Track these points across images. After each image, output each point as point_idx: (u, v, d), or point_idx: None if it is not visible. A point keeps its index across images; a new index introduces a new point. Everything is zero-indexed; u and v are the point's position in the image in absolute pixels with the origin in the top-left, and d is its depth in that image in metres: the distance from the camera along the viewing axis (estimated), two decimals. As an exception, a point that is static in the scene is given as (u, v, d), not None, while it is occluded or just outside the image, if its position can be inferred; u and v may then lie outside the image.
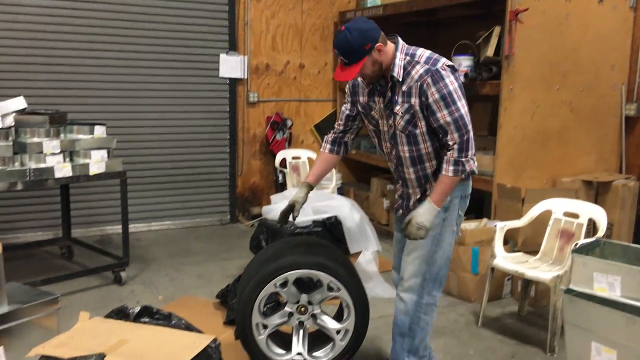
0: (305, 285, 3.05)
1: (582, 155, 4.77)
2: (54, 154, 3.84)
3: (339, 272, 2.87)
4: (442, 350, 3.39)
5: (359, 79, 2.70)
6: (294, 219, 2.90)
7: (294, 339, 3.00)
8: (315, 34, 6.31)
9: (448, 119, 2.42)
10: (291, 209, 2.87)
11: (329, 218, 4.12)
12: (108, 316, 2.81)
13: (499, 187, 4.42)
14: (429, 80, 2.41)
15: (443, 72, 2.41)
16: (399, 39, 2.56)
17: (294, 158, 5.80)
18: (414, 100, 2.47)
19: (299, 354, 2.98)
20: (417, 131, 2.54)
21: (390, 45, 2.52)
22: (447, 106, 2.41)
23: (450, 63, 2.49)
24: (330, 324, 2.98)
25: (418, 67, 2.45)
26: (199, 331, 2.81)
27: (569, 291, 2.73)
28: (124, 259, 4.31)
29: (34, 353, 2.45)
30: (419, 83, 2.43)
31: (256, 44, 6.05)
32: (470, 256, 4.09)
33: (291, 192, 4.68)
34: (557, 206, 3.81)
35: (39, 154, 3.78)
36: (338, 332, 2.95)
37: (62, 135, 4.00)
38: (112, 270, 4.32)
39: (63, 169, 3.87)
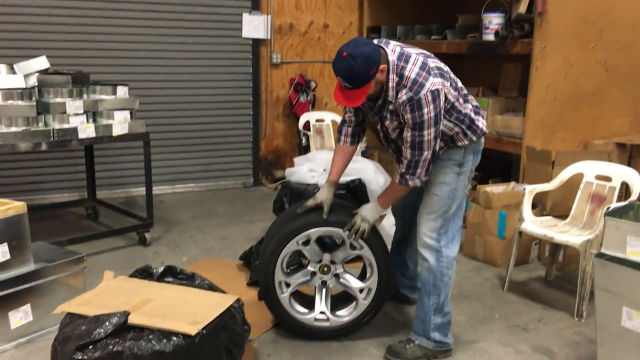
0: (328, 246, 3.04)
1: (615, 117, 4.61)
2: (77, 114, 3.82)
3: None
4: (467, 313, 3.35)
5: None
6: (325, 217, 2.88)
7: (317, 297, 3.00)
8: (340, -7, 6.16)
9: (409, 138, 2.56)
10: (317, 208, 2.89)
11: (352, 181, 4.06)
12: (132, 275, 2.82)
13: (528, 149, 4.30)
14: (408, 108, 2.49)
15: (423, 101, 2.46)
16: (389, 54, 2.52)
17: (317, 121, 5.72)
18: (401, 119, 2.58)
19: (322, 312, 2.98)
20: None
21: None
22: (413, 129, 2.52)
23: (435, 87, 2.48)
24: (353, 282, 2.98)
25: (403, 91, 2.49)
26: (223, 291, 2.81)
27: (600, 255, 2.64)
28: (148, 220, 4.32)
29: (59, 310, 2.48)
30: (401, 107, 2.52)
31: (279, 3, 5.92)
32: (497, 220, 4.01)
33: (314, 155, 4.62)
34: (589, 169, 3.69)
35: (62, 114, 3.77)
36: (361, 291, 2.96)
37: (85, 96, 3.98)
38: (137, 231, 4.35)
39: (87, 130, 3.86)
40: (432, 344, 2.85)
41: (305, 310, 3.00)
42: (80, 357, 2.18)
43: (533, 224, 3.61)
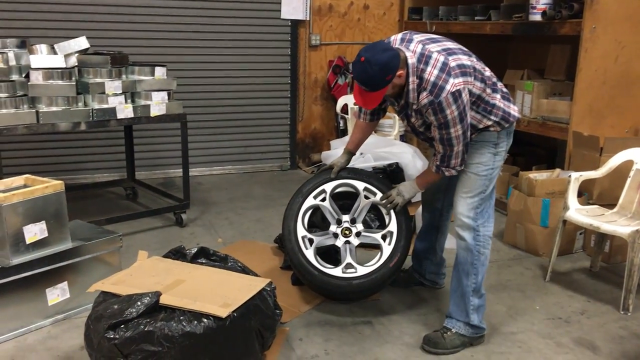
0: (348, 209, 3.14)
1: (669, 102, 4.37)
2: (115, 94, 3.84)
3: (372, 180, 3.10)
4: (507, 303, 3.25)
5: None
6: (333, 176, 3.13)
7: (342, 253, 3.02)
8: (380, -28, 6.01)
9: (437, 136, 2.61)
10: (330, 169, 3.14)
11: (390, 165, 3.99)
12: (166, 256, 2.82)
13: (575, 135, 4.12)
14: (431, 111, 2.52)
15: (444, 104, 2.47)
16: (408, 57, 2.52)
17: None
18: (425, 118, 2.62)
19: (349, 264, 2.98)
20: None
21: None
22: (440, 129, 2.56)
23: (456, 88, 2.46)
24: (375, 233, 3.08)
25: (424, 94, 2.51)
26: (255, 274, 2.79)
27: (651, 247, 2.51)
28: (185, 201, 4.34)
29: (93, 289, 2.49)
30: (424, 110, 2.55)
31: (319, -17, 5.83)
32: (540, 208, 3.86)
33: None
34: (640, 156, 3.52)
35: (101, 95, 3.79)
36: (384, 238, 3.03)
37: (123, 76, 3.99)
38: (174, 212, 4.37)
39: (125, 110, 3.87)
40: (469, 331, 2.79)
41: (332, 266, 3.01)
42: (112, 336, 2.19)
43: (578, 213, 3.46)
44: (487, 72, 2.68)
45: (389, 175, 3.95)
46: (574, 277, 3.62)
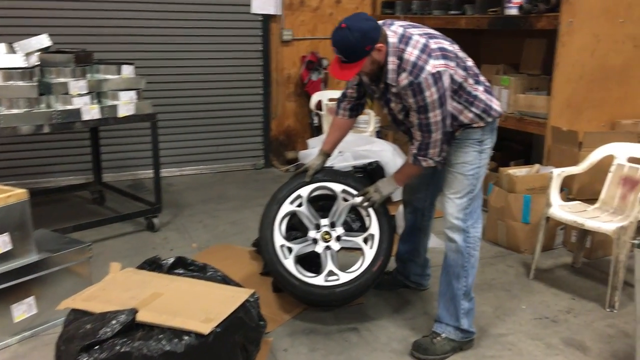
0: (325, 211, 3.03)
1: (645, 95, 4.38)
2: (80, 95, 3.64)
3: (350, 180, 2.97)
4: (493, 304, 3.19)
5: None
6: (307, 180, 2.99)
7: (323, 260, 2.90)
8: (352, -34, 5.90)
9: (416, 121, 2.51)
10: (304, 172, 3.00)
11: (370, 163, 3.90)
12: (140, 267, 2.66)
13: (553, 130, 4.09)
14: (410, 92, 2.43)
15: (424, 85, 2.39)
16: (389, 35, 2.46)
17: (330, 100, 5.52)
18: (404, 102, 2.52)
19: (330, 271, 2.86)
20: None
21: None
22: (418, 112, 2.47)
23: (436, 69, 2.39)
24: (356, 236, 2.96)
25: (404, 75, 2.43)
26: (237, 283, 2.65)
27: (642, 245, 2.46)
28: (157, 205, 4.17)
29: (63, 306, 2.33)
30: (403, 91, 2.46)
31: (290, -23, 5.69)
32: (522, 204, 3.82)
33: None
34: (621, 151, 3.50)
35: (65, 95, 3.59)
36: (365, 241, 2.92)
37: (88, 76, 3.79)
38: (145, 217, 4.20)
39: (91, 111, 3.68)
40: (459, 335, 2.72)
41: (314, 274, 2.89)
42: (85, 359, 2.03)
43: (561, 210, 3.42)
44: (470, 62, 2.61)
45: (370, 174, 3.86)
46: (557, 274, 3.59)
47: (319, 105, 5.59)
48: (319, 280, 2.84)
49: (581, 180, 3.84)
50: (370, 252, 2.89)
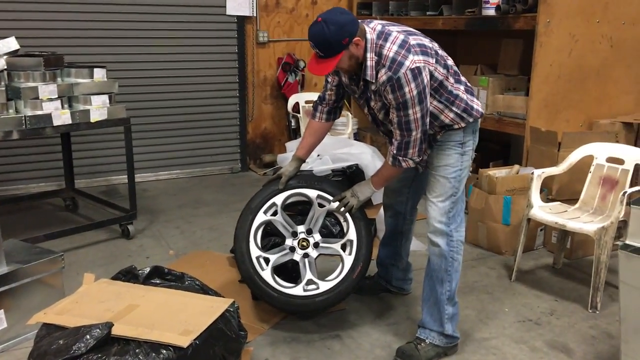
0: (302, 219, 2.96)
1: (621, 94, 4.40)
2: (51, 99, 3.52)
3: (325, 185, 2.89)
4: (475, 307, 3.16)
5: None
6: (281, 187, 2.91)
7: (302, 269, 2.83)
8: (328, -34, 5.85)
9: (395, 119, 2.46)
10: (278, 179, 2.92)
11: (349, 166, 3.84)
12: (115, 278, 2.57)
13: (532, 130, 4.09)
14: (389, 88, 2.39)
15: (403, 80, 2.35)
16: (368, 32, 2.42)
17: (307, 102, 5.46)
18: (385, 100, 2.48)
19: (310, 280, 2.80)
20: None
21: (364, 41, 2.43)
22: (398, 109, 2.42)
23: (415, 65, 2.35)
24: (334, 243, 2.89)
25: (382, 71, 2.39)
26: (216, 293, 2.58)
27: (625, 247, 2.44)
28: (132, 211, 4.06)
29: (34, 321, 2.23)
30: (382, 88, 2.42)
31: (265, -22, 5.62)
32: (502, 206, 3.80)
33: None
34: (600, 151, 3.50)
35: (34, 100, 3.47)
36: (344, 248, 2.85)
37: (59, 79, 3.68)
38: (119, 224, 4.08)
39: (62, 116, 3.56)
40: (443, 341, 2.67)
41: (292, 285, 2.81)
42: (58, 377, 1.94)
43: (542, 211, 3.41)
44: (450, 61, 2.57)
45: (349, 177, 3.80)
46: (539, 276, 3.58)
47: (296, 107, 5.53)
48: (298, 290, 2.77)
49: (560, 181, 3.84)
50: (349, 259, 2.83)
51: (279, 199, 2.88)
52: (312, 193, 2.89)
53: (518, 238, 3.51)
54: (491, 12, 4.30)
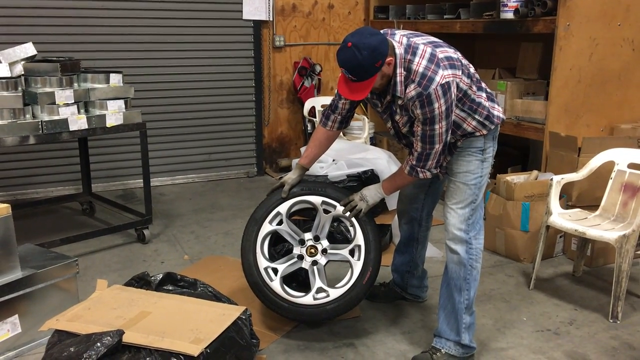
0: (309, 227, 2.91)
1: (643, 99, 4.32)
2: (67, 104, 3.55)
3: (329, 191, 2.84)
4: (493, 316, 3.10)
5: None
6: (284, 196, 2.86)
7: (311, 277, 2.80)
8: (345, -30, 5.82)
9: (420, 132, 2.43)
10: (281, 187, 2.87)
11: (364, 172, 3.76)
12: (128, 284, 2.57)
13: (551, 135, 4.02)
14: (418, 104, 2.35)
15: (433, 96, 2.32)
16: (395, 47, 2.37)
17: (323, 106, 5.43)
18: (411, 114, 2.45)
19: (320, 288, 2.76)
20: None
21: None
22: (424, 124, 2.40)
23: (445, 80, 2.32)
24: (342, 249, 2.84)
25: (412, 86, 2.35)
26: (228, 299, 2.56)
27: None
28: (147, 216, 4.06)
29: (47, 327, 2.23)
30: (410, 103, 2.39)
31: (282, -18, 5.61)
32: (520, 212, 3.74)
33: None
34: (621, 157, 3.42)
35: (51, 105, 3.49)
36: (352, 253, 2.81)
37: (75, 85, 3.70)
38: (135, 228, 4.09)
39: (78, 121, 3.58)
40: (459, 351, 2.62)
41: (302, 294, 2.78)
42: (68, 384, 1.93)
43: (562, 218, 3.34)
44: (472, 69, 2.53)
45: (364, 183, 3.75)
46: (558, 284, 3.51)
47: (312, 111, 5.51)
48: (308, 299, 2.74)
49: (581, 187, 3.76)
50: (358, 265, 2.78)
51: (283, 208, 2.84)
52: (317, 199, 2.84)
53: (537, 245, 3.45)
54: (510, 15, 4.24)
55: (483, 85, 2.57)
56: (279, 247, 3.11)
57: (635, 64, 4.20)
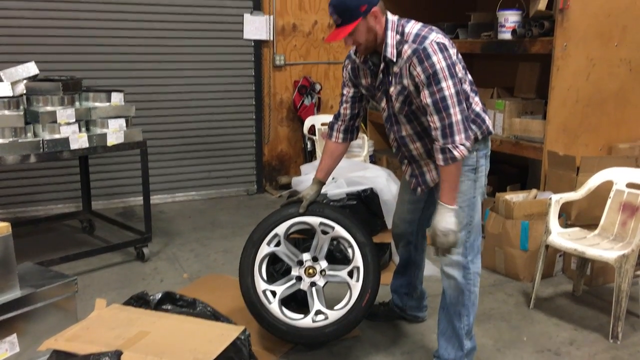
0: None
1: (640, 118, 4.35)
2: (68, 123, 3.57)
3: (326, 212, 2.82)
4: (493, 336, 3.09)
5: (357, 60, 2.55)
6: (302, 211, 2.82)
7: (310, 298, 2.79)
8: (344, -10, 5.87)
9: (428, 99, 2.29)
10: (299, 202, 2.83)
11: (364, 190, 3.81)
12: (127, 303, 2.56)
13: (550, 155, 4.03)
14: (415, 60, 2.27)
15: (430, 50, 2.24)
16: (388, 14, 2.40)
17: (323, 124, 5.47)
18: (406, 82, 2.36)
19: (318, 311, 2.75)
20: (414, 107, 2.44)
21: (384, 18, 2.37)
22: (428, 86, 2.27)
23: (440, 40, 2.26)
24: (340, 270, 2.83)
25: (406, 46, 2.30)
26: (227, 319, 2.55)
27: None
28: (146, 234, 4.06)
29: (45, 347, 2.22)
30: (407, 64, 2.31)
31: (282, 3, 5.66)
32: (519, 231, 3.74)
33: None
34: (619, 176, 3.44)
35: (52, 124, 3.52)
36: (351, 275, 2.79)
37: (77, 104, 3.73)
38: (135, 246, 4.09)
39: (79, 140, 3.60)
40: (460, 375, 2.60)
41: (301, 315, 2.77)
42: (66, 405, 1.92)
43: (561, 237, 3.34)
44: (469, 76, 2.50)
45: (364, 201, 3.77)
46: (558, 303, 3.50)
47: (312, 129, 5.54)
48: (307, 321, 2.73)
49: (579, 206, 3.77)
50: (357, 286, 2.77)
51: (281, 229, 2.83)
52: (315, 220, 2.82)
53: (536, 264, 3.45)
54: (507, 35, 4.28)
55: (478, 95, 2.54)
56: (278, 266, 3.12)
57: (633, 84, 4.23)
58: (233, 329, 2.35)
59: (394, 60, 2.35)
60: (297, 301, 2.96)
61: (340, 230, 2.80)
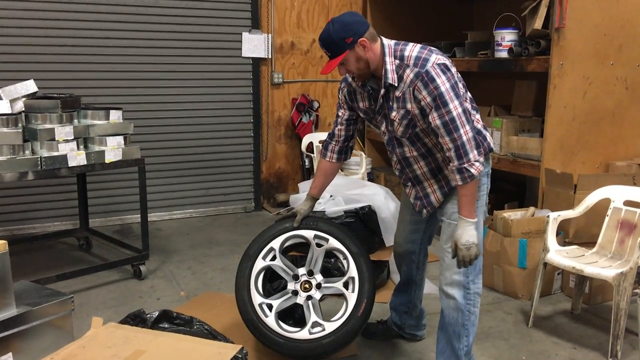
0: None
1: (637, 136, 4.36)
2: (67, 140, 3.57)
3: (320, 225, 2.87)
4: (492, 355, 3.07)
5: (353, 84, 2.58)
6: (296, 225, 2.88)
7: (306, 312, 2.79)
8: (342, 9, 5.92)
9: (437, 122, 2.31)
10: (293, 216, 2.88)
11: (362, 208, 3.80)
12: (123, 322, 2.55)
13: (547, 172, 4.04)
14: (420, 84, 2.28)
15: (432, 73, 2.26)
16: (383, 39, 2.42)
17: (321, 142, 5.48)
18: (410, 106, 2.37)
19: (315, 322, 2.75)
20: (418, 129, 2.45)
21: (378, 45, 2.39)
22: (437, 109, 2.28)
23: (441, 61, 2.28)
24: (335, 282, 2.85)
25: (408, 70, 2.31)
26: (224, 337, 2.54)
27: (645, 295, 2.38)
28: (144, 252, 4.05)
29: (40, 366, 2.20)
30: (411, 88, 2.32)
31: (280, 21, 5.71)
32: (517, 248, 3.74)
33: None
34: (617, 194, 3.44)
35: (50, 142, 3.52)
36: (346, 286, 2.81)
37: (75, 121, 3.73)
38: (132, 264, 4.07)
39: (77, 157, 3.61)
40: (458, 395, 2.57)
41: (297, 328, 2.77)
42: None
43: (559, 255, 3.34)
44: (469, 94, 2.52)
45: (362, 219, 3.77)
46: (557, 322, 3.49)
47: (310, 147, 5.55)
48: (304, 334, 2.73)
49: (577, 224, 3.77)
50: (352, 297, 2.79)
51: (276, 243, 2.87)
52: (309, 233, 2.87)
53: (535, 282, 3.44)
54: (504, 54, 4.32)
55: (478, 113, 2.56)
56: (275, 283, 3.11)
57: (629, 102, 4.26)
58: (230, 348, 2.33)
59: (396, 84, 2.36)
60: (294, 319, 2.95)
61: (334, 242, 2.84)
